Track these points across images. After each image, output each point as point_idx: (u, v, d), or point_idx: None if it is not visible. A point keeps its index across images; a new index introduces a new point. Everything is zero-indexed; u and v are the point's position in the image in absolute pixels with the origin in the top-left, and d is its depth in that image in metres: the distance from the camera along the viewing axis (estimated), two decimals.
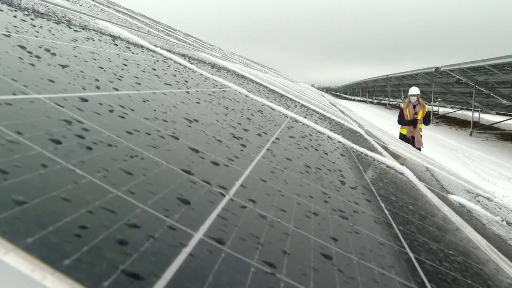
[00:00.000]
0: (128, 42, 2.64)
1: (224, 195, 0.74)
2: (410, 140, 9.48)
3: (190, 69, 2.74)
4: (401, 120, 10.02)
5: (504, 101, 20.70)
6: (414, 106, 9.81)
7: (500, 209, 3.37)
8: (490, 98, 22.31)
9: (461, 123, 24.83)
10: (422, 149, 9.56)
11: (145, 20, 9.17)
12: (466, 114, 27.03)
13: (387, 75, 36.69)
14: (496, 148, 16.46)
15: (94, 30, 2.45)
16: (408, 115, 9.81)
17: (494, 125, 23.07)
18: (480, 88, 20.42)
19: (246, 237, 0.62)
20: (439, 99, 29.21)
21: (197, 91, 1.87)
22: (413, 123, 9.66)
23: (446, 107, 31.10)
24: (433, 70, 23.75)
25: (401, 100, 38.57)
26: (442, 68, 22.27)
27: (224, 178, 0.83)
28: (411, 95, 9.89)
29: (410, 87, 10.44)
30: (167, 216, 0.58)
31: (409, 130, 9.70)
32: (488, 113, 25.70)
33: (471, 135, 20.03)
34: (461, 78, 20.56)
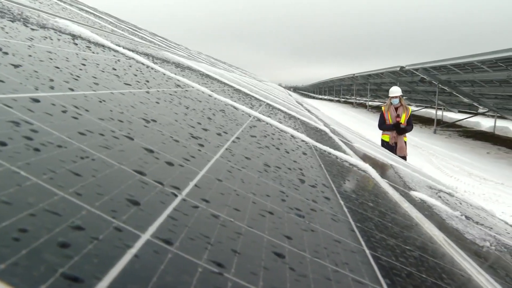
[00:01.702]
0: (89, 41, 2.60)
1: (176, 195, 0.74)
2: (394, 147, 8.40)
3: (152, 68, 2.71)
4: (382, 125, 8.84)
5: (465, 100, 21.31)
6: (396, 109, 8.71)
7: (461, 204, 3.46)
8: (453, 97, 22.92)
9: (426, 121, 25.40)
10: (407, 157, 8.56)
11: (110, 19, 9.01)
12: (430, 112, 27.73)
13: (354, 74, 37.20)
14: (459, 145, 16.92)
15: (53, 29, 2.39)
16: (389, 119, 8.66)
17: (457, 123, 23.72)
18: (443, 87, 20.96)
19: (196, 237, 0.62)
20: (404, 97, 29.78)
21: (158, 91, 1.86)
22: (396, 127, 8.54)
23: (411, 105, 31.73)
24: (398, 69, 24.25)
25: (367, 99, 39.20)
26: (406, 67, 22.77)
27: (178, 178, 0.83)
28: (392, 97, 8.71)
29: (378, 86, 10.16)
30: (114, 217, 0.58)
31: (391, 136, 8.58)
32: (451, 111, 26.40)
33: (435, 132, 20.54)
34: (424, 77, 21.05)
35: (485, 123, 23.87)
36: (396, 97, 8.68)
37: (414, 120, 26.11)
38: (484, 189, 9.76)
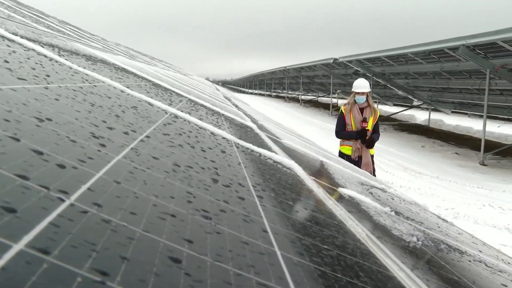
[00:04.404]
0: None
1: (63, 200, 0.73)
2: (358, 162, 6.40)
3: (57, 61, 2.63)
4: (342, 132, 6.63)
5: (400, 92, 22.31)
6: (362, 110, 6.57)
7: (393, 199, 3.60)
8: (387, 89, 23.93)
9: None
10: (376, 174, 6.74)
11: (6, 3, 8.55)
12: None
13: (285, 67, 37.82)
14: (394, 139, 17.69)
15: None
16: (352, 124, 6.53)
17: (392, 116, 24.77)
18: (377, 79, 21.82)
19: (80, 245, 0.61)
20: (338, 91, 30.71)
21: (60, 86, 1.80)
22: (360, 136, 6.44)
23: (345, 99, 32.75)
24: (331, 61, 24.98)
25: (299, 93, 39.94)
26: (340, 60, 23.51)
27: (69, 182, 0.82)
28: (357, 93, 6.50)
29: (311, 79, 9.17)
30: None
31: (354, 147, 6.47)
32: (386, 104, 27.52)
33: None
34: (358, 69, 21.82)
35: (420, 116, 25.13)
36: (362, 93, 6.51)
37: None
38: (420, 183, 10.28)
